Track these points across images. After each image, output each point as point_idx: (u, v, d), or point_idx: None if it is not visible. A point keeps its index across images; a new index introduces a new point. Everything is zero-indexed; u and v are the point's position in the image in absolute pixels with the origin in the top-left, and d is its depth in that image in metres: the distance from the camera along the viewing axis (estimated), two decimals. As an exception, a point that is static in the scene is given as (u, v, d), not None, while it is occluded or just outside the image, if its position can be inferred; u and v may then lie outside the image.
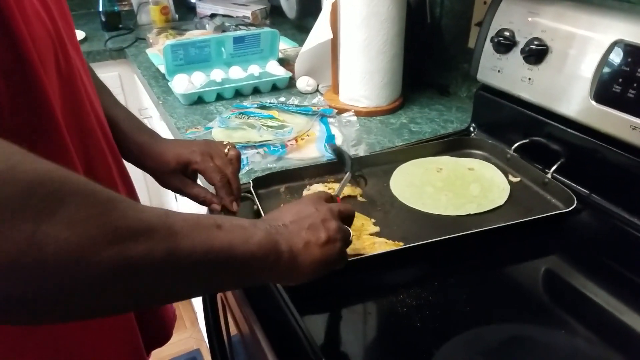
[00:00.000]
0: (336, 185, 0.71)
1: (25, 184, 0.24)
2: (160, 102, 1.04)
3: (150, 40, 1.37)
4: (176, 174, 0.59)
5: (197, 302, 1.49)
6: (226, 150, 0.59)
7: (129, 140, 0.59)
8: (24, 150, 0.25)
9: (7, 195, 0.23)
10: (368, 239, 0.61)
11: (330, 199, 0.50)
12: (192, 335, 1.63)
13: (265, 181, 0.72)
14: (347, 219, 0.48)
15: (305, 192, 0.72)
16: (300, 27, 1.58)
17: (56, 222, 0.25)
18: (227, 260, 0.35)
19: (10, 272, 0.24)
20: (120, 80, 1.51)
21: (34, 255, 0.24)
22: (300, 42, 1.37)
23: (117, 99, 0.64)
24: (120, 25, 1.63)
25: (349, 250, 0.59)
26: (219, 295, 0.68)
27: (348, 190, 0.71)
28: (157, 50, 1.26)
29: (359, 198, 0.70)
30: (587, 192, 0.67)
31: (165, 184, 0.61)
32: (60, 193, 0.26)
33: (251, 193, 0.67)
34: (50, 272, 0.25)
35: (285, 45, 1.36)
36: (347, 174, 0.67)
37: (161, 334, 0.69)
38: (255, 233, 0.38)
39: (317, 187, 0.72)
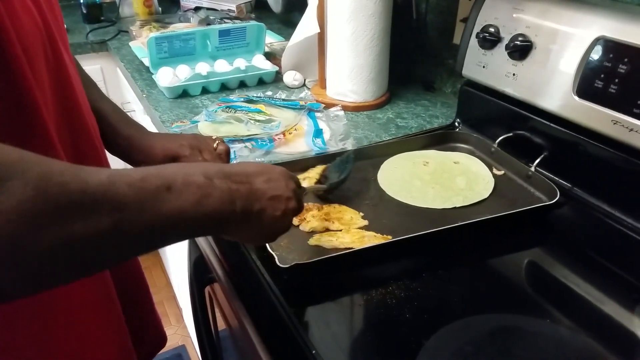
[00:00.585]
0: (312, 173, 0.72)
1: None
2: (144, 96, 1.02)
3: (134, 33, 1.35)
4: None
5: (183, 298, 1.48)
6: (215, 145, 0.59)
7: (117, 134, 0.58)
8: None
9: None
10: (357, 233, 0.61)
11: (298, 185, 0.49)
12: (177, 332, 1.62)
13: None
14: (299, 210, 0.48)
15: None
16: (285, 21, 1.57)
17: None
18: (176, 224, 0.34)
19: None
20: (102, 74, 1.48)
21: None
22: (286, 36, 1.36)
23: (103, 92, 0.63)
24: (102, 18, 1.59)
25: (338, 244, 0.60)
26: (206, 290, 0.68)
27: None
28: (141, 43, 1.24)
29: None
30: (569, 185, 0.69)
31: None
32: None
33: None
34: None
35: (271, 39, 1.35)
36: (325, 185, 0.66)
37: (160, 336, 0.69)
38: (210, 193, 0.36)
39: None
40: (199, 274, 0.65)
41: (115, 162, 0.59)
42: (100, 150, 0.53)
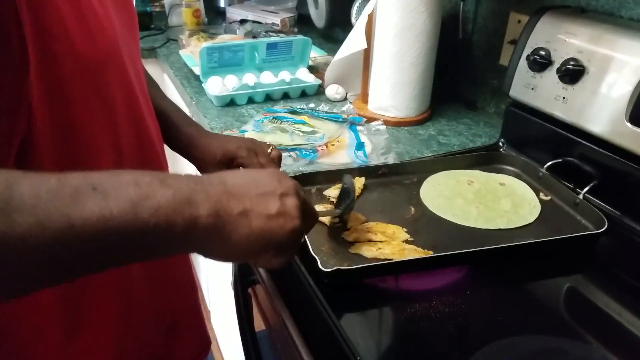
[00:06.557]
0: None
1: None
2: (194, 103, 1.07)
3: (183, 42, 1.41)
4: (220, 167, 0.61)
5: (212, 300, 1.50)
6: (269, 150, 0.62)
7: (179, 131, 0.62)
8: None
9: None
10: (398, 245, 0.62)
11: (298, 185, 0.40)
12: (203, 334, 1.64)
13: (300, 181, 0.73)
14: (308, 213, 0.40)
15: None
16: (326, 36, 1.61)
17: None
18: (103, 234, 0.27)
19: None
20: (149, 79, 1.54)
21: None
22: (328, 51, 1.40)
23: (163, 92, 0.67)
24: (152, 26, 1.67)
25: (378, 254, 0.60)
26: (248, 291, 0.70)
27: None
28: (190, 51, 1.29)
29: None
30: (619, 213, 0.68)
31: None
32: None
33: None
34: None
35: (314, 53, 1.38)
36: (338, 210, 0.61)
37: (205, 339, 0.70)
38: (151, 195, 0.29)
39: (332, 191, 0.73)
40: (243, 275, 0.67)
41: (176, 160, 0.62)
42: (162, 156, 0.56)
